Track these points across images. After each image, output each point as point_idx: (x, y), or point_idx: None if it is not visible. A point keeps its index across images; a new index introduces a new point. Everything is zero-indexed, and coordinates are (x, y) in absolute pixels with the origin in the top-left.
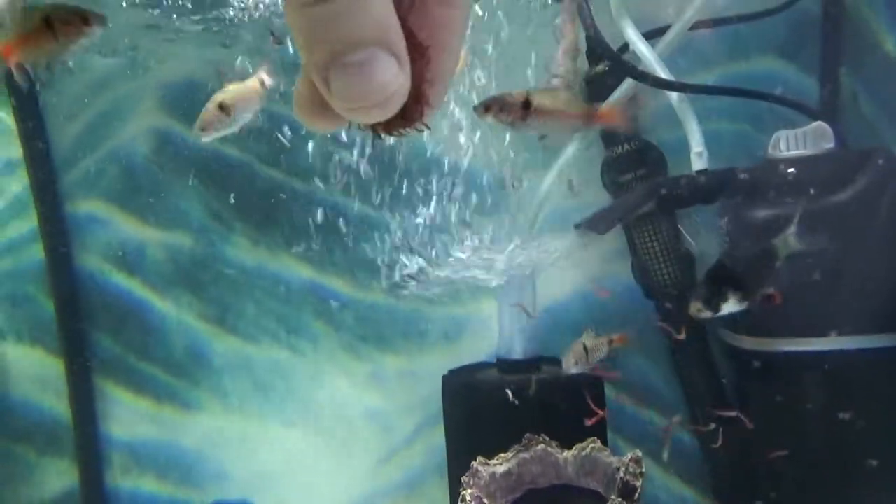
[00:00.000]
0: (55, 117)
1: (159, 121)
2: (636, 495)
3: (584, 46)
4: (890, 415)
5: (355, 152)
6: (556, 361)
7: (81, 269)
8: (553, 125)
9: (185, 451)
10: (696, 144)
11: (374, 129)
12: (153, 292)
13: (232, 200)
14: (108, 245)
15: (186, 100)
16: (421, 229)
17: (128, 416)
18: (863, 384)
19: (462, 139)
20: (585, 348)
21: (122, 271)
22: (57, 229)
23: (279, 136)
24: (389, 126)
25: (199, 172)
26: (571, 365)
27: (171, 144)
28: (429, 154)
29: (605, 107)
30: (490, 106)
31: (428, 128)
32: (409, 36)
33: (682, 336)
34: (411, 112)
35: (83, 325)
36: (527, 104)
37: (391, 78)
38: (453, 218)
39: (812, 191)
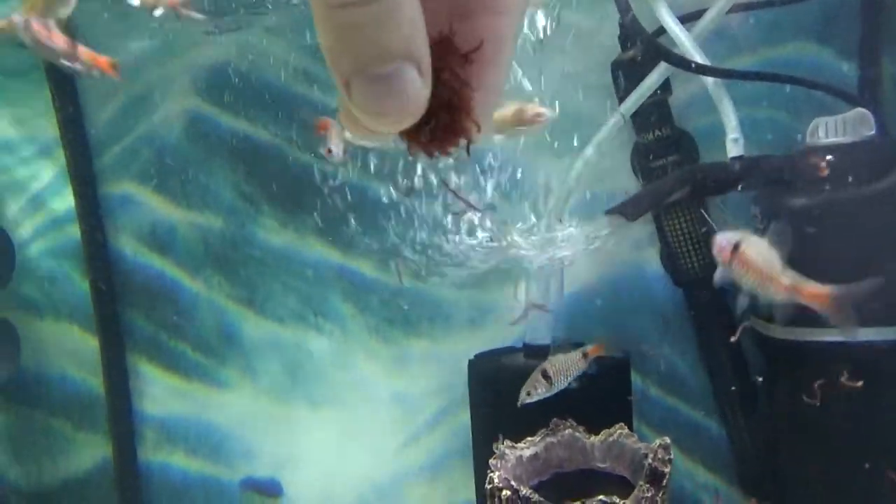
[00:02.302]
0: (91, 100)
1: (192, 104)
2: (664, 481)
3: None
4: None
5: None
6: (582, 347)
7: (115, 248)
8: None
9: (215, 429)
10: (732, 131)
11: (417, 145)
12: (184, 272)
13: (270, 184)
14: (140, 226)
15: (219, 83)
16: (451, 213)
17: (160, 394)
18: (892, 376)
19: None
20: (546, 375)
21: (154, 251)
22: (92, 210)
23: (309, 119)
24: (434, 142)
25: (230, 155)
26: (524, 397)
27: (203, 127)
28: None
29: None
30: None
31: (469, 146)
32: (451, 46)
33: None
34: (457, 126)
35: (117, 303)
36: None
37: (414, 92)
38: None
39: (850, 179)
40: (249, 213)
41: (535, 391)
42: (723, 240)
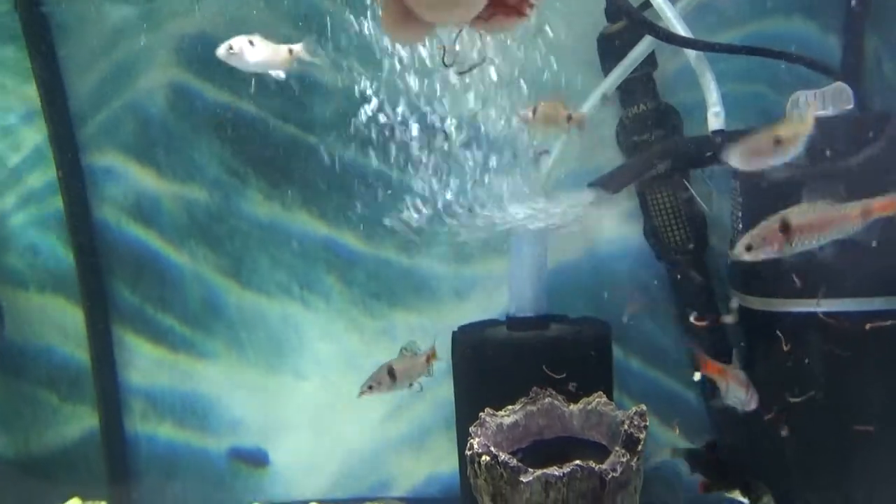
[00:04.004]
0: (72, 69)
1: (175, 74)
2: (639, 447)
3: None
4: (888, 374)
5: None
6: (564, 319)
7: (100, 220)
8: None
9: (202, 400)
10: (714, 104)
11: (479, 24)
12: (169, 245)
13: (255, 157)
14: (124, 197)
15: (202, 53)
16: (436, 187)
17: (146, 365)
18: (866, 345)
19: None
20: (392, 374)
21: (138, 223)
22: (75, 181)
23: (295, 92)
24: (491, 21)
25: (215, 127)
26: (365, 389)
27: (186, 98)
28: (444, 114)
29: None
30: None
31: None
32: None
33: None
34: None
35: (102, 275)
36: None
37: None
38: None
39: (828, 153)
40: (234, 185)
41: (377, 386)
42: None
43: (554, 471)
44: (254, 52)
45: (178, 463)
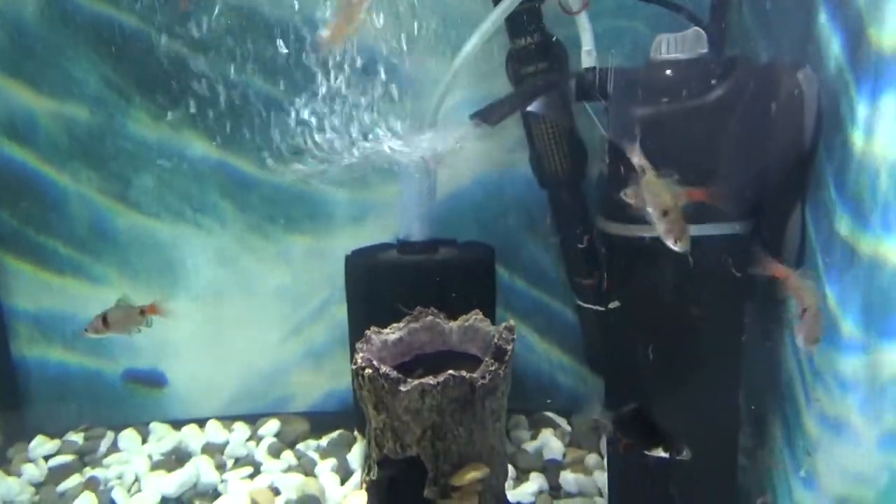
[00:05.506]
0: None
1: None
2: (506, 357)
3: None
4: (726, 290)
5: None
6: (452, 243)
7: None
8: None
9: None
10: (587, 43)
11: None
12: (49, 165)
13: (139, 74)
14: None
15: None
16: (327, 114)
17: (31, 289)
18: (707, 267)
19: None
20: (106, 321)
21: (13, 141)
22: None
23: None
24: None
25: (94, 40)
26: (84, 332)
27: (60, 7)
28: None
29: None
30: None
31: None
32: None
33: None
34: None
35: None
36: None
37: None
38: (358, 104)
39: (683, 93)
40: (118, 103)
41: (92, 330)
42: None
43: (430, 380)
44: None
45: (72, 386)
